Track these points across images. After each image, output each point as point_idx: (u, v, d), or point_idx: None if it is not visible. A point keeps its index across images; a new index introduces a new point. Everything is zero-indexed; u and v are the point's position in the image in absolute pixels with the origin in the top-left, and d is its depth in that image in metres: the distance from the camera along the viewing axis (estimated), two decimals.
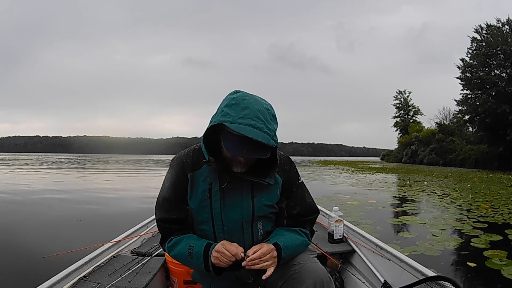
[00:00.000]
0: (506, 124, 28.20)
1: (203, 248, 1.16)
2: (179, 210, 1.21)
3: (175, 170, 1.21)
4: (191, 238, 1.22)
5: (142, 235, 2.39)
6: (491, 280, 2.95)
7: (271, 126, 1.05)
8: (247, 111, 1.03)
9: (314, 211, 1.31)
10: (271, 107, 1.10)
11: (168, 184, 1.23)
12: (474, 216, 5.79)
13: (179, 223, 1.22)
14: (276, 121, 1.09)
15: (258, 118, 1.02)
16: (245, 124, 1.01)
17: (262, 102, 1.07)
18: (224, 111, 1.05)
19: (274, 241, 1.18)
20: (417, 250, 3.70)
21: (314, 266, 1.20)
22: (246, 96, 1.06)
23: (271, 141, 1.03)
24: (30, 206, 6.86)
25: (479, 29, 30.66)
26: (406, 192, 9.74)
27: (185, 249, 1.19)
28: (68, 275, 1.60)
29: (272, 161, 1.14)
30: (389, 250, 1.94)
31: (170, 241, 1.23)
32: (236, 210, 1.18)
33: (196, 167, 1.19)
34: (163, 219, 1.23)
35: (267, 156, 1.07)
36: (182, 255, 1.20)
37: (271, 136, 1.04)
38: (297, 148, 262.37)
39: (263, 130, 1.02)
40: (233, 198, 1.18)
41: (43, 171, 19.12)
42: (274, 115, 1.09)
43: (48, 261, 2.70)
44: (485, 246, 3.88)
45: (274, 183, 1.20)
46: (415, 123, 53.75)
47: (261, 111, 1.04)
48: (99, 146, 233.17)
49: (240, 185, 1.17)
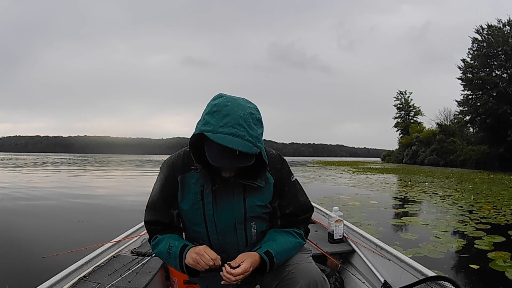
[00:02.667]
0: (507, 124, 28.16)
1: (179, 248, 1.17)
2: (166, 213, 1.22)
3: (165, 174, 1.21)
4: (172, 237, 1.23)
5: (142, 235, 2.39)
6: (496, 282, 2.94)
7: (254, 132, 1.02)
8: (228, 118, 1.00)
9: (308, 209, 1.29)
10: (256, 110, 1.06)
11: (158, 187, 1.23)
12: (477, 217, 5.77)
13: (165, 225, 1.23)
14: (261, 125, 1.06)
15: (240, 126, 0.99)
16: (225, 133, 0.98)
17: (245, 107, 1.03)
18: (206, 120, 1.02)
19: (266, 248, 1.16)
20: (421, 252, 3.68)
21: (308, 266, 1.19)
22: (228, 102, 1.03)
23: (253, 149, 1.00)
24: (30, 206, 6.87)
25: (480, 29, 30.65)
26: (407, 193, 9.72)
27: (165, 248, 1.20)
28: (68, 275, 1.60)
29: (261, 164, 1.12)
30: (389, 250, 1.94)
31: (154, 239, 1.25)
32: (228, 211, 1.18)
33: (187, 170, 1.18)
34: (150, 221, 1.25)
35: (251, 163, 1.05)
36: (163, 253, 1.22)
37: (254, 142, 1.01)
38: (298, 149, 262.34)
39: (245, 138, 0.99)
40: (225, 199, 1.17)
41: (43, 171, 19.14)
42: (259, 118, 1.06)
43: (48, 261, 2.71)
44: (488, 248, 3.86)
45: (266, 183, 1.19)
46: (415, 124, 53.74)
47: (244, 117, 1.01)
48: (100, 146, 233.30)
49: (231, 186, 1.17)
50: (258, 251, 1.16)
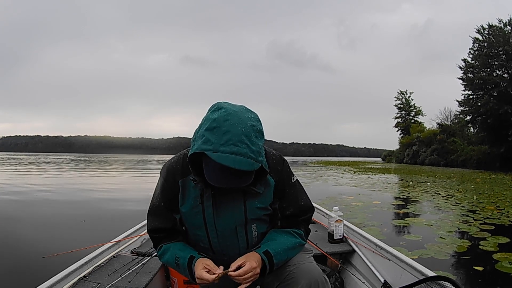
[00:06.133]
0: (508, 124, 28.13)
1: (187, 261, 1.17)
2: (168, 219, 1.21)
3: (166, 178, 1.20)
4: (176, 247, 1.22)
5: (142, 235, 2.39)
6: (502, 283, 2.92)
7: (255, 147, 0.98)
8: (229, 135, 0.95)
9: (309, 210, 1.28)
10: (257, 120, 1.02)
11: (158, 192, 1.22)
12: (480, 217, 5.74)
13: (167, 231, 1.23)
14: (263, 135, 1.03)
15: (242, 142, 0.95)
16: (227, 152, 0.94)
17: (245, 120, 0.99)
18: (205, 137, 0.98)
19: (265, 248, 1.16)
20: (426, 254, 3.63)
21: (309, 266, 1.19)
22: (228, 116, 0.98)
23: (255, 165, 0.98)
24: (30, 206, 6.87)
25: (481, 29, 30.63)
26: (410, 193, 9.70)
27: (173, 259, 1.20)
28: (68, 275, 1.60)
29: (261, 170, 1.09)
30: (389, 250, 1.93)
31: (159, 249, 1.25)
32: (228, 214, 1.17)
33: (187, 173, 1.15)
34: (153, 229, 1.24)
35: (250, 182, 1.04)
36: (171, 264, 1.22)
37: (256, 158, 0.98)
38: (298, 149, 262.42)
39: (247, 155, 0.96)
40: (225, 202, 1.16)
41: (44, 171, 19.16)
42: (260, 129, 1.02)
43: (48, 261, 2.71)
44: (493, 249, 3.83)
45: (267, 185, 1.17)
46: (416, 124, 53.71)
47: (245, 132, 0.97)
48: (100, 146, 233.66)
49: (231, 190, 1.14)
50: (257, 250, 1.16)
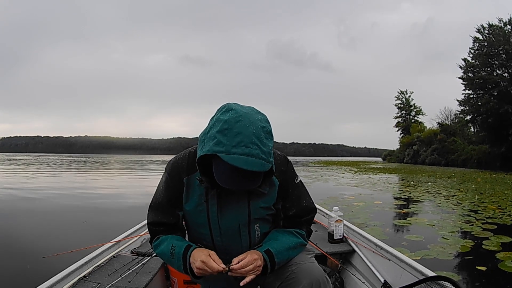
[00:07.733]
0: (508, 124, 28.09)
1: (183, 249, 1.16)
2: (170, 214, 1.21)
3: (170, 175, 1.19)
4: (174, 238, 1.22)
5: (142, 235, 2.39)
6: (506, 283, 2.92)
7: (266, 148, 0.99)
8: (241, 137, 0.96)
9: (311, 211, 1.29)
10: (266, 122, 1.03)
11: (162, 188, 1.22)
12: (482, 217, 5.74)
13: (169, 226, 1.23)
14: (272, 136, 1.03)
15: (253, 144, 0.96)
16: (239, 153, 0.95)
17: (256, 122, 0.99)
18: (217, 139, 0.98)
19: (266, 247, 1.16)
20: (430, 254, 3.61)
21: (310, 266, 1.19)
22: (239, 117, 0.98)
23: (266, 166, 0.98)
24: (30, 206, 6.88)
25: (481, 29, 30.58)
26: (411, 193, 9.69)
27: (168, 249, 1.19)
28: (68, 275, 1.60)
29: (268, 171, 1.09)
30: (389, 250, 1.93)
31: (156, 240, 1.24)
32: (232, 214, 1.17)
33: (192, 171, 1.16)
34: (154, 222, 1.23)
35: (259, 183, 1.04)
36: (165, 254, 1.20)
37: (267, 159, 0.98)
38: (299, 148, 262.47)
39: (259, 156, 0.96)
40: (230, 201, 1.16)
41: (44, 171, 19.17)
42: (270, 131, 1.02)
43: (48, 261, 2.71)
44: (496, 249, 3.82)
45: (271, 186, 1.18)
46: (416, 123, 53.70)
47: (256, 134, 0.97)
48: (101, 146, 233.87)
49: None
50: (258, 249, 1.16)
